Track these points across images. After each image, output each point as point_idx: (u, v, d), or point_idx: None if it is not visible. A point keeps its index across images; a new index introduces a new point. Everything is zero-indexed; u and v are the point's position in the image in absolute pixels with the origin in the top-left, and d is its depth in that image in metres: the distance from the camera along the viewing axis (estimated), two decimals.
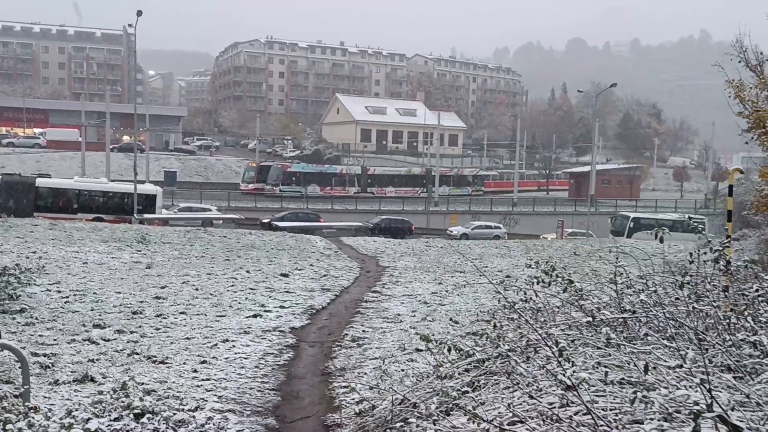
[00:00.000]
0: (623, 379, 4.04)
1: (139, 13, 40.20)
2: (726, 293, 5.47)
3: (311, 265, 20.06)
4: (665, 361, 4.41)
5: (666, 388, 3.69)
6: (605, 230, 52.66)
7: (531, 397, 3.79)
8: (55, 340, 9.92)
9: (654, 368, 4.15)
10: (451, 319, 12.09)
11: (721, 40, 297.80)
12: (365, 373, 8.81)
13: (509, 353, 4.40)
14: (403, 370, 8.73)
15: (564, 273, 6.10)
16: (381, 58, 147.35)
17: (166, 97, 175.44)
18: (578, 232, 50.26)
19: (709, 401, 3.47)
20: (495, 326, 5.57)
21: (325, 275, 17.97)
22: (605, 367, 4.53)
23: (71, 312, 11.87)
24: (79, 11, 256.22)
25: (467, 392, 5.26)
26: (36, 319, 11.12)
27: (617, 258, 6.10)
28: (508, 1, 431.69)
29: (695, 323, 5.13)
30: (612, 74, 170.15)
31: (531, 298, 6.52)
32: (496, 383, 5.15)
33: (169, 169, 65.68)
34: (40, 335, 10.11)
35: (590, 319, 5.00)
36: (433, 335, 10.79)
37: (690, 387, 3.97)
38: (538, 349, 4.83)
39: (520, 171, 75.13)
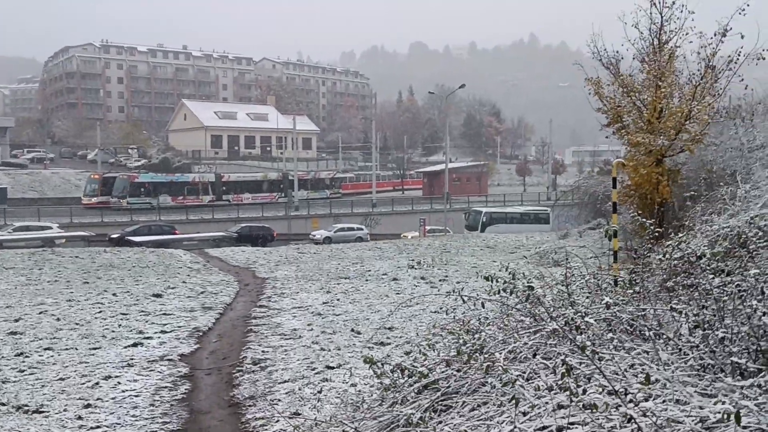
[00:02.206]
0: (625, 389, 3.76)
1: None
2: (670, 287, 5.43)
3: (183, 282, 18.66)
4: (650, 367, 4.21)
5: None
6: (461, 226, 54.58)
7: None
8: None
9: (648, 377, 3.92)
10: (352, 330, 11.58)
11: (548, 43, 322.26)
12: (279, 400, 8.07)
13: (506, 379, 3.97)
14: (319, 392, 8.11)
15: (522, 278, 5.76)
16: (227, 62, 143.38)
17: None
18: (436, 229, 51.61)
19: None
20: (462, 345, 5.09)
21: (202, 292, 16.73)
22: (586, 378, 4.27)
23: None
24: None
25: (430, 418, 4.80)
26: None
27: (567, 259, 5.92)
28: (350, 5, 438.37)
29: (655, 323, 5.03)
30: (453, 76, 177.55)
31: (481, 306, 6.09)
32: (464, 405, 4.72)
33: None
34: None
35: (557, 326, 4.71)
36: (339, 349, 10.33)
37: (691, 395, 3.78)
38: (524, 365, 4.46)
39: (376, 172, 76.10)
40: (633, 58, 17.06)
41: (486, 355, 4.69)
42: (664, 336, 4.56)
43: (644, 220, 9.03)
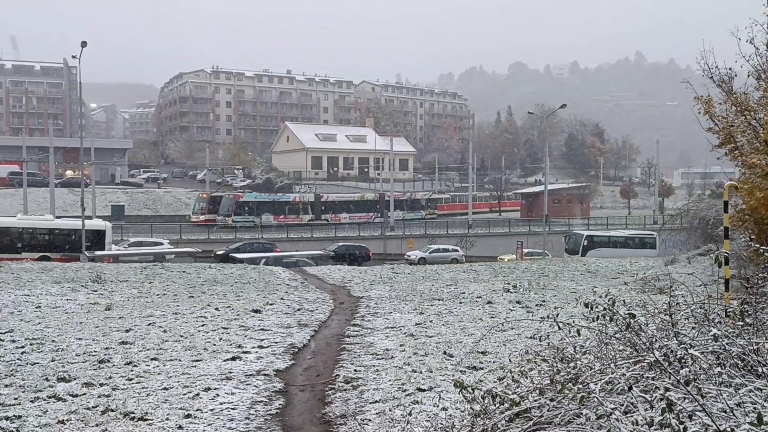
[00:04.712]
0: (732, 429, 3.49)
1: (84, 44, 38.85)
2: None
3: (281, 298, 19.16)
4: (762, 406, 3.89)
5: None
6: (560, 249, 53.14)
7: None
8: (16, 398, 8.86)
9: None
10: (445, 353, 11.46)
11: (655, 61, 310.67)
12: (370, 420, 8.08)
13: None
14: (409, 414, 8.04)
15: (621, 305, 5.51)
16: (328, 85, 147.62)
17: (110, 129, 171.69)
18: (534, 252, 50.52)
19: None
20: (556, 372, 4.91)
21: (299, 309, 17.11)
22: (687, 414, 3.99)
23: (30, 364, 10.75)
24: (16, 45, 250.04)
25: None
26: None
27: (672, 286, 5.62)
28: (450, 25, 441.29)
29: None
30: (553, 96, 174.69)
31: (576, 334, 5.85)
32: None
33: (116, 202, 63.74)
34: None
35: (657, 356, 4.45)
36: (431, 371, 10.24)
37: None
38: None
39: (473, 193, 75.64)
40: (748, 75, 16.16)
41: (581, 385, 4.50)
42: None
43: (759, 246, 8.43)
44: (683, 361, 4.27)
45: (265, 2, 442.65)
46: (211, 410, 8.60)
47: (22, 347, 11.90)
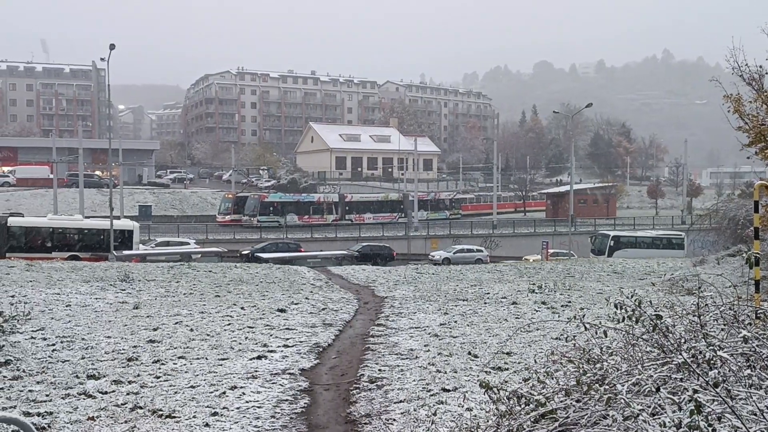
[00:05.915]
0: None
1: (112, 47, 39.46)
2: None
3: (306, 298, 19.28)
4: None
5: None
6: (586, 250, 52.65)
7: None
8: (47, 395, 9.04)
9: None
10: (469, 353, 11.44)
11: (683, 59, 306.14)
12: (394, 420, 8.10)
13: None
14: (434, 414, 8.05)
15: (648, 306, 5.45)
16: (352, 86, 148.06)
17: (137, 131, 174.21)
18: (560, 252, 50.10)
19: None
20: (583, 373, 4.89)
21: (323, 309, 17.20)
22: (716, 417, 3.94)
23: (61, 361, 10.95)
24: (46, 48, 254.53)
25: None
26: (24, 371, 10.20)
27: (700, 287, 5.55)
28: (474, 25, 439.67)
29: None
30: (579, 95, 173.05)
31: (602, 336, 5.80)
32: None
33: (144, 203, 64.56)
34: (30, 390, 9.21)
35: (685, 358, 4.40)
36: (456, 372, 10.23)
37: None
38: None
39: (497, 193, 75.30)
40: None
41: (608, 387, 4.47)
42: None
43: None
44: (712, 362, 4.22)
45: (286, 2, 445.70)
46: (238, 408, 8.68)
47: (53, 345, 12.12)
